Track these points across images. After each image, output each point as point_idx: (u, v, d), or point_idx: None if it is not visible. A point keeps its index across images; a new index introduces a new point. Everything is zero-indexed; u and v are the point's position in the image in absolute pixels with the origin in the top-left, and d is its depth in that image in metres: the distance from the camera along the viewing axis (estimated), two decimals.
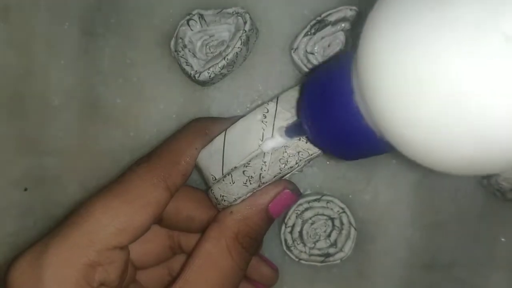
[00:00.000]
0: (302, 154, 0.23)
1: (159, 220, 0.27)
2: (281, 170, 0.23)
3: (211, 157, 0.25)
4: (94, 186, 0.32)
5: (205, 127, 0.27)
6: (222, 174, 0.25)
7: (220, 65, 0.29)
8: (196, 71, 0.30)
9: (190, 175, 0.26)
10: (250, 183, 0.24)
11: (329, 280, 0.32)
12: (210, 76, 0.29)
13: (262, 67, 0.32)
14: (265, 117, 0.24)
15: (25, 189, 0.33)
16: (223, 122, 0.27)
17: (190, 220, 0.27)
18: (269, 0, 0.31)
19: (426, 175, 0.32)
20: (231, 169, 0.24)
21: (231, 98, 0.32)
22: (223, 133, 0.25)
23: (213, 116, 0.28)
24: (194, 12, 0.30)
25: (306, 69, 0.30)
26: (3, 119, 0.32)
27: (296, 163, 0.23)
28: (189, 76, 0.30)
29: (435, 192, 0.32)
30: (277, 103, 0.24)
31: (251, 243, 0.25)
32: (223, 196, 0.25)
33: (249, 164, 0.24)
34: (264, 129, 0.24)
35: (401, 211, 0.32)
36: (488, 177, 0.31)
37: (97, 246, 0.22)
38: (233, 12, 0.30)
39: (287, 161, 0.23)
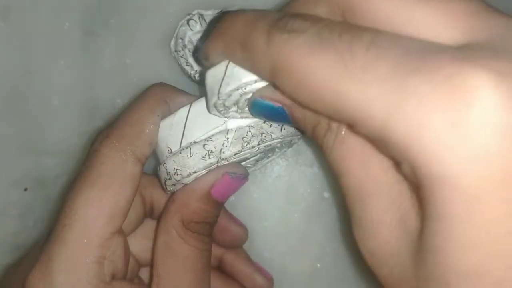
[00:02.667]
0: (265, 137, 0.23)
1: (150, 211, 0.27)
2: (242, 148, 0.23)
3: (171, 128, 0.24)
4: None
5: (166, 94, 0.26)
6: (180, 146, 0.24)
7: None
8: (196, 71, 0.30)
9: (156, 142, 0.25)
10: (209, 157, 0.24)
11: (329, 281, 0.32)
12: None
13: None
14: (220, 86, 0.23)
15: (25, 189, 0.33)
16: (185, 95, 0.27)
17: None
18: (269, 0, 0.31)
19: None
20: (191, 142, 0.24)
21: None
22: (188, 105, 0.24)
23: (173, 86, 0.27)
24: (194, 12, 0.30)
25: None
26: (3, 119, 0.32)
27: (258, 144, 0.23)
28: (189, 76, 0.30)
29: None
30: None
31: (200, 226, 0.25)
32: (176, 169, 0.24)
33: (211, 138, 0.23)
34: None
35: None
36: None
37: (95, 241, 0.23)
38: None
39: (249, 140, 0.23)
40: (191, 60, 0.30)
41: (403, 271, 0.16)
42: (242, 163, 0.26)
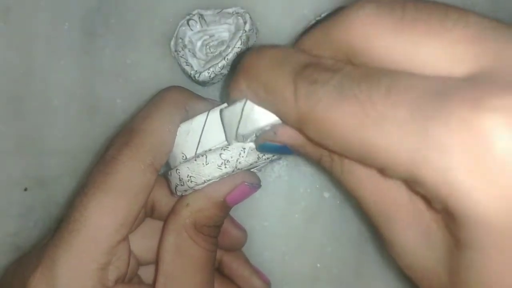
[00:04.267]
0: None
1: (151, 211, 0.27)
2: (258, 159, 0.24)
3: (187, 135, 0.24)
4: None
5: (185, 101, 0.25)
6: (195, 154, 0.24)
7: (220, 65, 0.29)
8: (196, 71, 0.30)
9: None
10: (225, 167, 0.24)
11: (328, 281, 0.32)
12: (210, 76, 0.29)
13: None
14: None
15: (25, 189, 0.33)
16: (203, 100, 0.26)
17: None
18: (269, 0, 0.31)
19: None
20: (207, 150, 0.24)
21: None
22: (206, 112, 0.24)
23: (191, 91, 0.27)
24: (194, 12, 0.30)
25: None
26: (3, 119, 0.32)
27: (273, 155, 0.24)
28: (189, 76, 0.30)
29: None
30: None
31: (211, 230, 0.25)
32: (190, 176, 0.24)
33: (227, 148, 0.23)
34: None
35: None
36: None
37: (103, 248, 0.22)
38: (233, 12, 0.30)
39: None
40: (191, 60, 0.30)
41: (441, 283, 0.17)
42: (254, 168, 0.26)
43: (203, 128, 0.24)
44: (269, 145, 0.21)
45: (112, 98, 0.32)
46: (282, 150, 0.21)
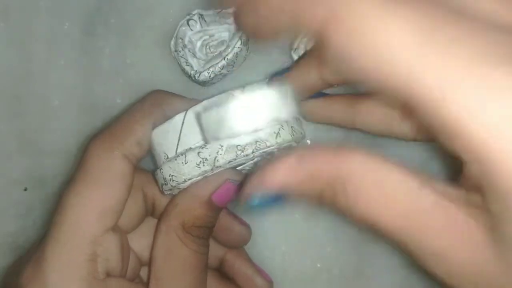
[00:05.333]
0: (259, 144, 0.23)
1: (152, 209, 0.27)
2: (236, 156, 0.23)
3: (167, 134, 0.25)
4: None
5: (162, 99, 0.26)
6: (176, 153, 0.24)
7: (220, 65, 0.29)
8: (196, 71, 0.30)
9: (148, 145, 0.25)
10: (204, 165, 0.24)
11: (329, 281, 0.32)
12: (210, 76, 0.29)
13: (262, 67, 0.32)
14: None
15: (25, 189, 0.33)
16: (182, 100, 0.27)
17: None
18: None
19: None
20: (186, 149, 0.24)
21: None
22: (184, 112, 0.24)
23: (172, 92, 0.28)
24: (194, 12, 0.30)
25: None
26: (3, 119, 0.32)
27: (252, 152, 0.23)
28: (189, 76, 0.30)
29: None
30: (243, 91, 0.24)
31: (200, 231, 0.25)
32: (172, 176, 0.24)
33: (205, 146, 0.24)
34: None
35: None
36: None
37: (87, 239, 0.23)
38: (233, 12, 0.30)
39: (244, 148, 0.23)
40: (191, 60, 0.30)
41: (487, 283, 0.16)
42: (240, 167, 0.26)
43: (182, 127, 0.24)
44: (259, 200, 0.20)
45: (112, 98, 0.32)
46: (275, 202, 0.20)
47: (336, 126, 0.28)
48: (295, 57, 0.30)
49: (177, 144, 0.24)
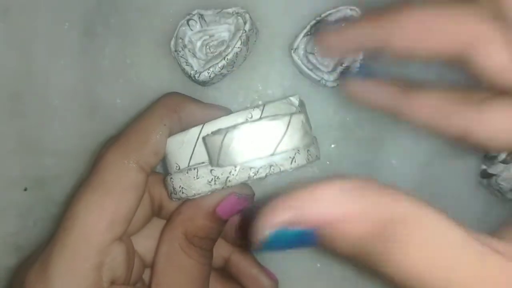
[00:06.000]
0: (273, 169, 0.23)
1: (159, 211, 0.27)
2: (248, 178, 0.23)
3: (181, 146, 0.24)
4: None
5: (176, 104, 0.26)
6: (188, 165, 0.24)
7: (220, 65, 0.29)
8: (196, 71, 0.30)
9: (164, 152, 0.25)
10: (215, 184, 0.23)
11: (329, 280, 0.32)
12: (210, 76, 0.29)
13: (262, 67, 0.32)
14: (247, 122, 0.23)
15: (25, 189, 0.33)
16: (198, 105, 0.26)
17: None
18: (269, 0, 0.31)
19: (426, 175, 0.32)
20: (199, 163, 0.24)
21: (231, 98, 0.32)
22: (201, 125, 0.24)
23: (189, 96, 0.27)
24: (194, 12, 0.30)
25: (306, 69, 0.30)
26: (3, 119, 0.32)
27: (265, 176, 0.23)
28: (189, 76, 0.30)
29: (435, 192, 0.32)
30: (262, 111, 0.23)
31: (203, 242, 0.25)
32: (182, 188, 0.24)
33: None
34: None
35: None
36: (488, 177, 0.31)
37: (95, 247, 0.22)
38: (233, 12, 0.30)
39: (257, 171, 0.22)
40: (191, 60, 0.30)
41: None
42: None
43: (197, 140, 0.24)
44: (286, 234, 0.16)
45: (112, 98, 0.32)
46: (304, 240, 0.16)
47: (378, 113, 0.25)
48: (295, 57, 0.30)
49: (190, 157, 0.24)
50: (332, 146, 0.32)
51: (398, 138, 0.32)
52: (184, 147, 0.24)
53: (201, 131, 0.24)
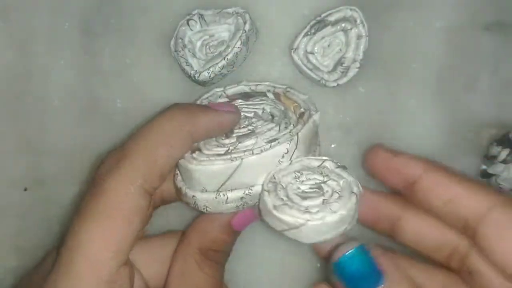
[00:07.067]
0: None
1: (160, 202, 0.26)
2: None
3: (213, 176, 0.24)
4: None
5: (184, 120, 0.24)
6: (217, 191, 0.24)
7: (220, 65, 0.29)
8: (196, 71, 0.30)
9: (168, 173, 0.24)
10: (242, 207, 0.24)
11: (329, 280, 0.32)
12: (210, 76, 0.29)
13: (262, 67, 0.32)
14: (283, 157, 0.24)
15: (25, 189, 0.33)
16: (206, 114, 0.24)
17: None
18: (269, 0, 0.31)
19: None
20: (229, 189, 0.24)
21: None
22: (239, 160, 0.24)
23: (196, 105, 0.26)
24: (194, 12, 0.30)
25: (306, 69, 0.30)
26: (3, 119, 0.32)
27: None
28: (189, 76, 0.30)
29: None
30: (297, 144, 0.24)
31: (218, 255, 0.25)
32: (207, 207, 0.24)
33: (250, 193, 0.24)
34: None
35: None
36: (488, 177, 0.31)
37: (102, 277, 0.21)
38: (233, 12, 0.30)
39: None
40: (191, 60, 0.30)
41: None
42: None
43: (233, 172, 0.24)
44: (355, 264, 0.22)
45: (112, 98, 0.32)
46: (371, 275, 0.22)
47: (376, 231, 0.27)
48: (295, 57, 0.30)
49: (221, 185, 0.24)
50: (332, 146, 0.32)
51: (398, 138, 0.32)
52: (217, 177, 0.24)
53: (239, 165, 0.24)
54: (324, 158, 0.25)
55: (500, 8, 0.31)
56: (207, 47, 0.30)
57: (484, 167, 0.31)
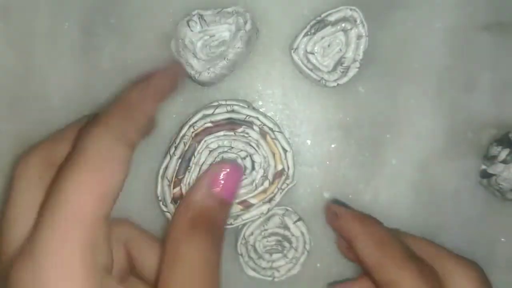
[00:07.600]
0: None
1: (130, 265, 0.27)
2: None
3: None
4: None
5: (167, 83, 0.28)
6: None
7: (220, 65, 0.29)
8: (196, 71, 0.30)
9: (149, 130, 0.27)
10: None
11: (329, 280, 0.32)
12: (210, 76, 0.29)
13: (262, 67, 0.32)
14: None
15: None
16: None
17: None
18: (269, 0, 0.31)
19: (426, 175, 0.32)
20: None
21: (231, 98, 0.32)
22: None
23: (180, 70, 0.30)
24: (193, 13, 0.30)
25: (306, 69, 0.30)
26: (3, 119, 0.32)
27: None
28: (189, 76, 0.30)
29: (435, 192, 0.32)
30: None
31: (208, 226, 0.25)
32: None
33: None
34: None
35: (401, 211, 0.32)
36: (488, 177, 0.31)
37: (85, 226, 0.22)
38: (233, 11, 0.30)
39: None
40: (191, 60, 0.30)
41: None
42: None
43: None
44: None
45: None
46: None
47: None
48: (295, 57, 0.30)
49: None
50: (332, 146, 0.32)
51: (398, 138, 0.32)
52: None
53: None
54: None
55: (500, 8, 0.31)
56: (208, 47, 0.30)
57: (484, 167, 0.31)
